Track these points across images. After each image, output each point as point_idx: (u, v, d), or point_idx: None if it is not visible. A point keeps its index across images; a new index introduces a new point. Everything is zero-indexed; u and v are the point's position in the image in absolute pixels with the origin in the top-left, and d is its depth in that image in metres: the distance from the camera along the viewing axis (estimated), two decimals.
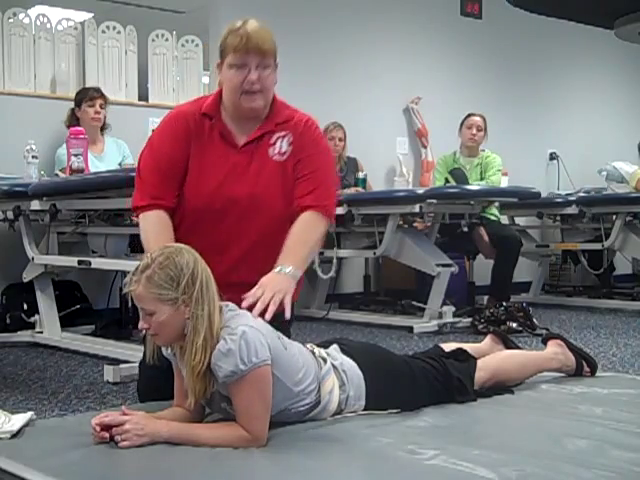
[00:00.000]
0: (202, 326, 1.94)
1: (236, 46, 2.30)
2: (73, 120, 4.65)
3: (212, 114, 2.41)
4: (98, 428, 1.95)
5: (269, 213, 2.37)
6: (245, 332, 1.93)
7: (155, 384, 2.32)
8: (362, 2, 6.21)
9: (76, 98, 4.71)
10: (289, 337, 2.19)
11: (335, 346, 2.29)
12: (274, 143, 2.39)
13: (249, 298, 2.08)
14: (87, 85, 4.96)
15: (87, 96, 4.66)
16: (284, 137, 2.40)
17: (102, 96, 4.69)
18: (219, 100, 2.43)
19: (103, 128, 4.77)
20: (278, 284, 2.15)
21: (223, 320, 1.98)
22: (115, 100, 4.99)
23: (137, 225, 2.44)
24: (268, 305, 2.07)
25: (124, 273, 3.68)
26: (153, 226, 2.35)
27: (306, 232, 2.34)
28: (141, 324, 2.00)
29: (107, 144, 4.78)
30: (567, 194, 6.23)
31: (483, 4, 6.86)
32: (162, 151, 2.41)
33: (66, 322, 4.33)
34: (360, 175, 5.47)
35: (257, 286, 2.12)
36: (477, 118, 5.43)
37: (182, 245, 2.05)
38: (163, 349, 2.09)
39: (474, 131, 5.39)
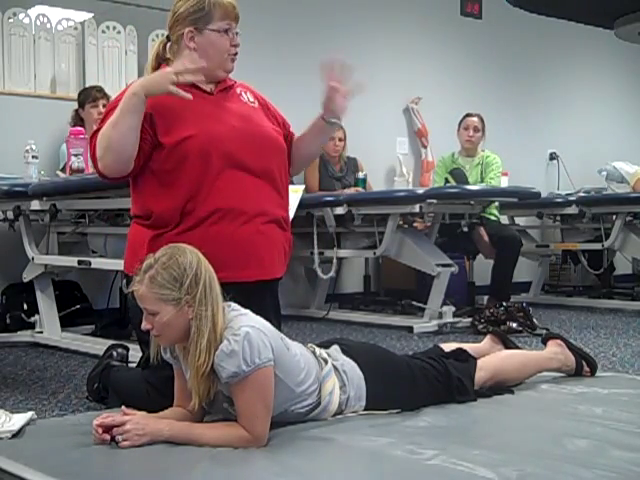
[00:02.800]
0: (206, 327, 1.94)
1: (228, 11, 2.46)
2: (78, 120, 4.63)
3: None
4: (100, 430, 1.95)
5: (271, 146, 2.50)
6: (248, 333, 1.93)
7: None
8: (362, 2, 6.21)
9: (79, 98, 4.69)
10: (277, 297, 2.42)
11: (336, 346, 2.30)
12: (240, 94, 2.58)
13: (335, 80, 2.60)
14: (87, 85, 4.96)
15: (90, 97, 4.64)
16: (245, 91, 2.60)
17: (105, 96, 4.66)
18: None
19: None
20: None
21: (226, 320, 1.98)
22: None
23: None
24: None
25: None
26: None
27: None
28: (144, 324, 2.00)
29: None
30: (567, 194, 6.23)
31: (483, 4, 6.86)
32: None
33: (66, 322, 4.33)
34: (360, 175, 5.47)
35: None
36: (474, 119, 5.42)
37: (185, 245, 2.05)
38: (163, 353, 2.09)
39: (471, 132, 5.39)
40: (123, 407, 2.03)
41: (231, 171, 2.38)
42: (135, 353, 2.81)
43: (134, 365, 2.73)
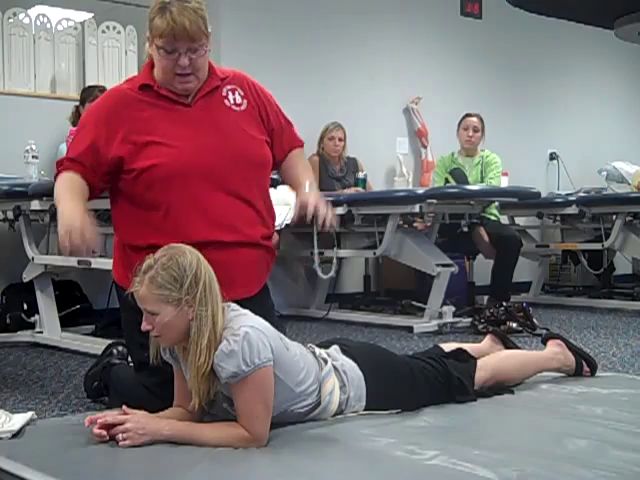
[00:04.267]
0: (206, 327, 1.94)
1: (162, 32, 2.24)
2: (77, 117, 4.63)
3: (151, 83, 2.39)
4: (97, 427, 1.95)
5: (248, 161, 2.39)
6: (248, 333, 1.93)
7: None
8: (362, 2, 6.21)
9: (81, 96, 4.68)
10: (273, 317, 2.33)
11: (336, 347, 2.30)
12: (226, 95, 2.43)
13: (320, 220, 2.34)
14: (88, 84, 4.95)
15: (92, 96, 4.61)
16: (234, 90, 2.44)
17: None
18: (151, 70, 2.40)
19: None
20: (321, 198, 2.39)
21: (225, 320, 1.98)
22: None
23: None
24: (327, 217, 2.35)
25: None
26: (64, 182, 2.38)
27: (305, 163, 2.64)
28: (144, 325, 2.00)
29: None
30: (567, 194, 6.23)
31: (483, 4, 6.86)
32: (87, 136, 2.37)
33: (66, 322, 4.33)
34: (360, 175, 5.47)
35: (307, 204, 2.33)
36: (473, 119, 5.42)
37: (185, 246, 2.05)
38: (162, 354, 2.09)
39: (470, 133, 5.38)
40: (124, 406, 2.03)
41: (207, 193, 2.31)
42: None
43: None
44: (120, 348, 2.85)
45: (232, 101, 2.43)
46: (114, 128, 2.33)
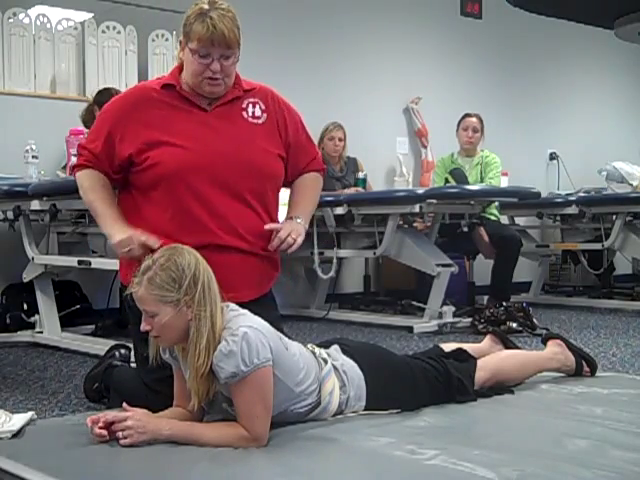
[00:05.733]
0: (205, 327, 1.94)
1: (201, 36, 2.31)
2: (91, 119, 4.59)
3: (174, 83, 2.44)
4: (97, 427, 1.95)
5: (257, 172, 2.42)
6: (246, 333, 1.93)
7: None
8: (362, 2, 6.21)
9: (97, 96, 4.63)
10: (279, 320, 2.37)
11: (336, 346, 2.30)
12: (246, 108, 2.47)
13: (276, 240, 2.37)
14: (88, 84, 4.97)
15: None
16: (255, 104, 2.48)
17: None
18: (179, 73, 2.46)
19: None
20: (295, 228, 2.43)
21: (224, 321, 1.98)
22: None
23: None
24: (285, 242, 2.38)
25: None
26: (90, 181, 2.43)
27: (313, 191, 2.62)
28: (143, 326, 2.00)
29: None
30: (567, 194, 6.22)
31: (483, 4, 6.86)
32: (104, 127, 2.44)
33: (66, 322, 4.33)
34: (360, 175, 5.47)
35: (281, 229, 2.40)
36: (473, 119, 5.42)
37: (184, 246, 2.05)
38: (162, 354, 2.09)
39: (470, 133, 5.38)
40: (124, 404, 2.03)
41: (213, 196, 2.34)
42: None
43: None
44: (123, 351, 2.85)
45: (250, 113, 2.47)
46: (130, 123, 2.39)
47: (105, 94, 4.64)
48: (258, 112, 2.48)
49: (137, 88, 2.56)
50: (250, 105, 2.48)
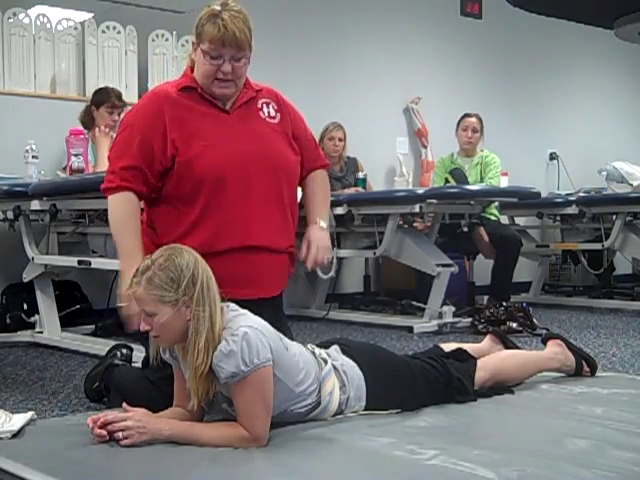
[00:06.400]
0: (204, 327, 1.94)
1: (212, 37, 2.33)
2: (89, 120, 4.59)
3: (193, 85, 2.44)
4: (97, 426, 1.95)
5: (280, 170, 2.45)
6: (247, 333, 1.93)
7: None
8: (362, 2, 6.21)
9: (95, 97, 4.63)
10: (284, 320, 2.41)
11: (336, 347, 2.30)
12: (261, 108, 2.50)
13: (310, 260, 2.45)
14: (88, 84, 4.96)
15: (108, 102, 4.55)
16: (268, 104, 2.52)
17: (124, 105, 4.54)
18: (193, 75, 2.46)
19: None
20: (324, 241, 2.50)
21: (224, 320, 1.98)
22: None
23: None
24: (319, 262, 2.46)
25: None
26: (122, 211, 2.37)
27: (325, 189, 2.67)
28: (142, 325, 2.00)
29: None
30: (567, 194, 6.23)
31: (483, 4, 6.86)
32: (135, 137, 2.39)
33: (66, 322, 4.33)
34: (360, 175, 5.47)
35: (310, 243, 2.47)
36: (472, 119, 5.42)
37: (182, 246, 2.05)
38: (162, 354, 2.09)
39: (469, 133, 5.38)
40: (124, 404, 2.03)
41: (248, 198, 2.37)
42: (139, 354, 2.82)
43: (137, 365, 2.74)
44: (124, 350, 2.85)
45: (267, 114, 2.51)
46: (162, 127, 2.37)
47: (102, 94, 4.65)
48: (272, 112, 2.52)
49: (155, 93, 2.50)
50: (264, 105, 2.51)
